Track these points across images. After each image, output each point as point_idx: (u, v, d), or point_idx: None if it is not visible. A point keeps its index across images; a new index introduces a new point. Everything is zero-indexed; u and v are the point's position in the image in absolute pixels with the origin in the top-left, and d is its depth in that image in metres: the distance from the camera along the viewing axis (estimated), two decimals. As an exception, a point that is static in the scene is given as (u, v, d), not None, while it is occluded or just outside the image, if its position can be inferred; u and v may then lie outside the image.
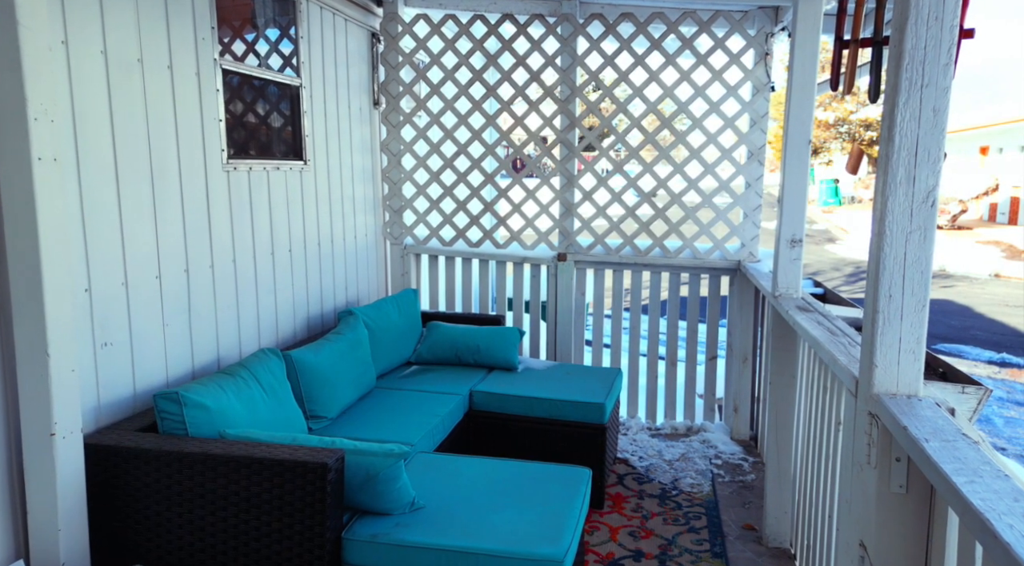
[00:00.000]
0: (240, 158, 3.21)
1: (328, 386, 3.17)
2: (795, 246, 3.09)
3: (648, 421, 4.77)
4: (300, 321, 3.78)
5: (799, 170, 3.05)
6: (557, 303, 4.74)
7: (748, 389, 4.52)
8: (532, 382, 3.86)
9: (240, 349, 3.22)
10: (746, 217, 4.41)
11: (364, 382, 3.53)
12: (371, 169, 4.70)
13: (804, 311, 2.76)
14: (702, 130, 4.36)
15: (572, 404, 3.57)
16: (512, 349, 4.13)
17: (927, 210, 1.56)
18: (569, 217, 4.65)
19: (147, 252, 2.63)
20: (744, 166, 4.36)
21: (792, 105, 3.01)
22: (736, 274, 4.48)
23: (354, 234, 4.45)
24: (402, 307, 4.20)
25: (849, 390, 1.83)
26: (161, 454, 2.20)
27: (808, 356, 2.90)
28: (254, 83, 3.36)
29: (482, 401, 3.71)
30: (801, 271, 3.11)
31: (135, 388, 2.57)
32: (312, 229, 3.90)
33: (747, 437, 4.53)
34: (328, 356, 3.24)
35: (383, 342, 3.88)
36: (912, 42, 1.51)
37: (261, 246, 3.40)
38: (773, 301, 3.12)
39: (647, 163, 4.50)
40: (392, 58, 4.68)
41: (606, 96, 4.43)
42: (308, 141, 3.82)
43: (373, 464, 2.25)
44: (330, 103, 4.10)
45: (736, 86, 4.28)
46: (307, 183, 3.84)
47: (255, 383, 2.71)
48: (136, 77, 2.56)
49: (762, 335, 4.34)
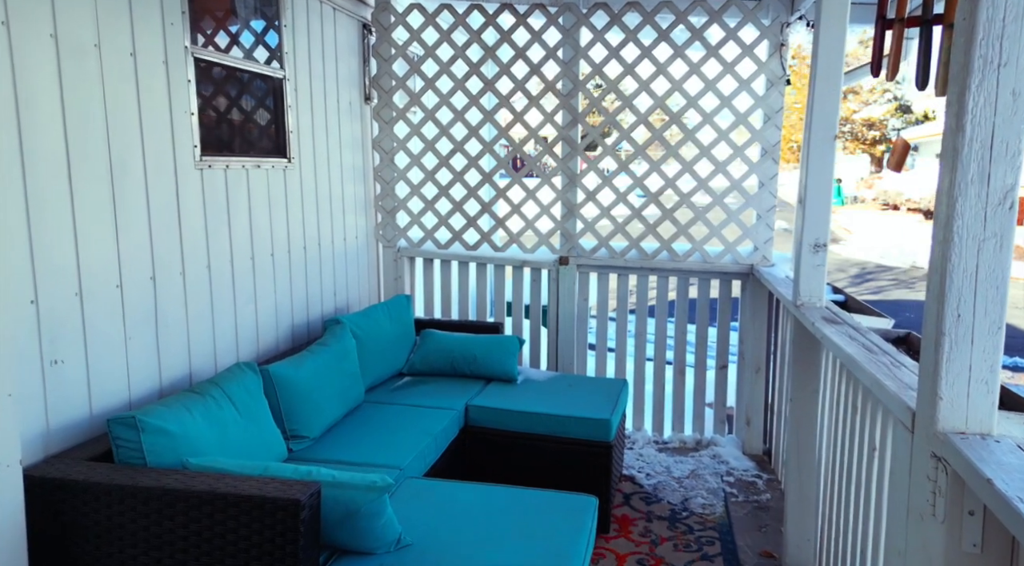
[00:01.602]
0: (216, 155, 2.96)
1: (310, 403, 2.91)
2: (818, 251, 2.83)
3: (655, 434, 4.51)
4: (284, 331, 3.53)
5: (823, 168, 2.79)
6: (559, 309, 4.49)
7: (761, 400, 4.26)
8: (532, 395, 3.60)
9: (216, 363, 2.97)
10: (759, 219, 4.15)
11: (351, 396, 3.27)
12: (362, 168, 4.45)
13: (832, 323, 2.51)
14: (712, 126, 4.11)
15: (575, 420, 3.32)
16: (511, 359, 3.88)
17: (1004, 213, 1.31)
18: (571, 218, 4.40)
19: (106, 258, 2.38)
20: (757, 164, 4.10)
21: (816, 97, 2.75)
22: (748, 279, 4.23)
23: (343, 236, 4.19)
24: (394, 314, 3.94)
25: (902, 423, 1.57)
26: (112, 488, 1.95)
27: (833, 370, 2.65)
28: (232, 74, 3.11)
29: (479, 416, 3.45)
30: (825, 278, 2.85)
31: (91, 410, 2.32)
32: (297, 232, 3.65)
33: (760, 451, 4.28)
34: (311, 370, 2.98)
35: (373, 352, 3.63)
36: (988, 13, 1.26)
37: (240, 250, 3.14)
38: (795, 311, 2.87)
39: (654, 161, 4.25)
40: (384, 50, 4.42)
41: (611, 90, 4.18)
42: (293, 137, 3.57)
43: (353, 499, 2.00)
44: (317, 97, 3.84)
45: (749, 79, 4.02)
46: (292, 182, 3.59)
47: (227, 402, 2.46)
48: (92, 64, 2.31)
49: (776, 344, 4.08)
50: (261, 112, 3.38)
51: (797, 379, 2.90)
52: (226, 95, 3.10)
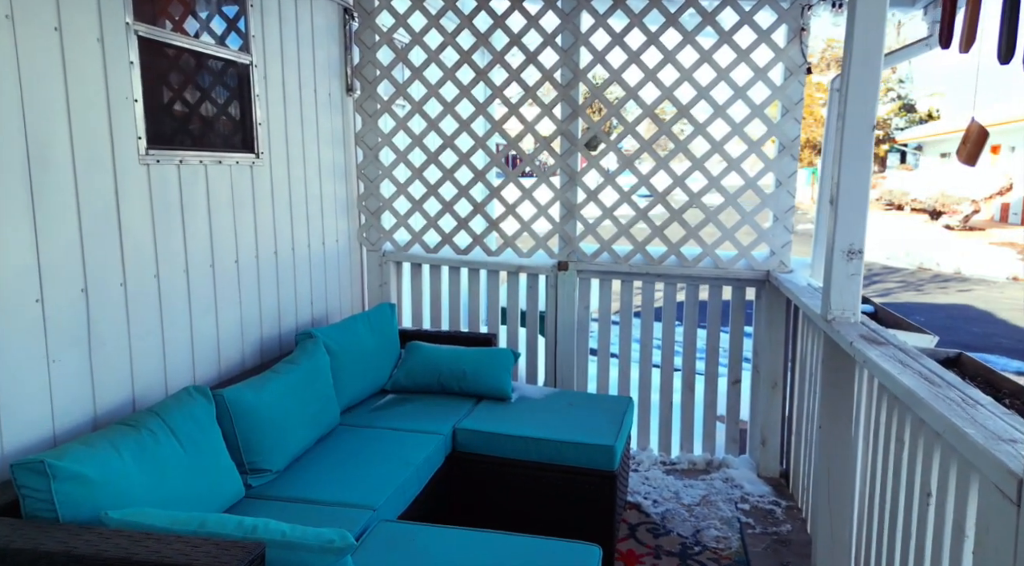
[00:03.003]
0: (166, 148, 2.60)
1: (274, 431, 2.56)
2: (853, 259, 2.47)
3: (662, 453, 4.16)
4: (251, 345, 3.17)
5: (859, 164, 2.44)
6: (557, 318, 4.13)
7: (778, 418, 3.91)
8: (528, 416, 3.25)
9: (167, 385, 2.61)
10: (776, 220, 3.80)
11: (323, 420, 2.92)
12: (343, 165, 4.09)
13: (874, 344, 2.15)
14: (725, 120, 3.75)
15: (575, 447, 2.96)
16: (505, 375, 3.52)
17: None
18: (571, 220, 4.04)
19: (21, 268, 2.02)
20: (774, 161, 3.75)
21: (852, 82, 2.40)
22: (764, 286, 3.87)
23: (322, 240, 3.84)
24: (376, 325, 3.58)
25: (998, 490, 1.22)
26: (7, 554, 1.59)
27: (870, 394, 2.30)
28: (187, 57, 2.75)
29: (467, 441, 3.10)
30: (860, 289, 2.50)
31: (3, 449, 1.96)
32: (267, 235, 3.29)
33: (776, 474, 3.92)
34: (275, 393, 2.63)
35: (351, 368, 3.27)
36: None
37: (197, 257, 2.79)
38: (825, 326, 2.51)
39: (661, 158, 3.89)
40: (367, 37, 4.06)
41: (614, 80, 3.82)
42: (262, 130, 3.21)
43: (305, 563, 1.64)
44: (291, 87, 3.48)
45: (766, 68, 3.67)
46: (261, 180, 3.23)
47: (169, 436, 2.10)
48: (4, 39, 1.95)
49: (795, 357, 3.73)
50: (224, 102, 3.02)
51: (828, 404, 2.55)
52: (180, 81, 2.75)
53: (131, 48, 2.40)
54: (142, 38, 2.45)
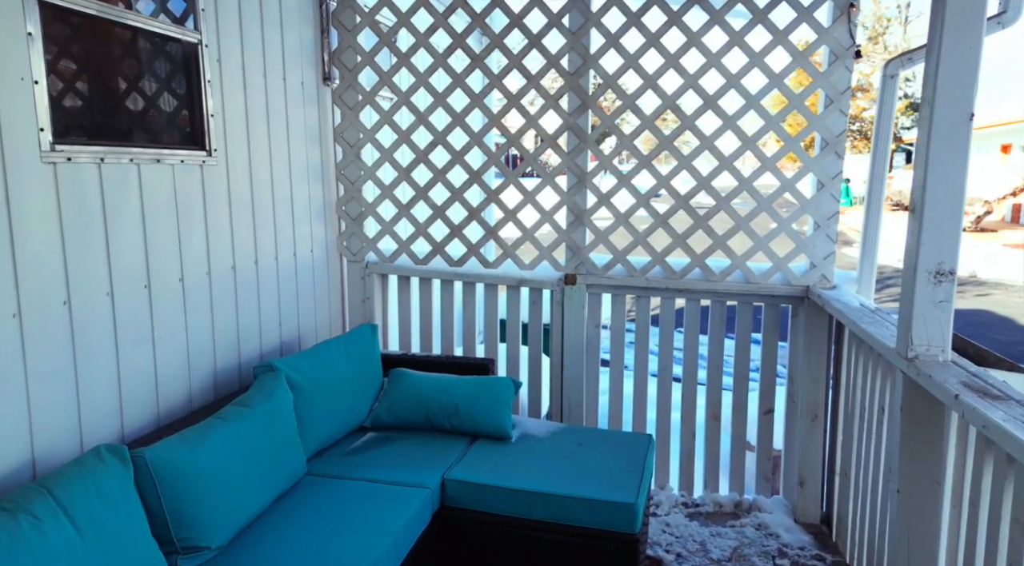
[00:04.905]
0: (82, 143, 2.09)
1: (215, 496, 2.04)
2: (943, 281, 1.96)
3: (682, 493, 3.65)
4: (202, 380, 2.66)
5: (954, 162, 1.93)
6: (564, 338, 3.62)
7: (819, 456, 3.39)
8: (531, 462, 2.74)
9: (82, 439, 2.10)
10: (818, 228, 3.28)
11: (284, 473, 2.40)
12: (319, 164, 3.58)
13: (989, 398, 1.64)
14: (758, 112, 3.25)
15: (589, 504, 2.45)
16: (504, 410, 3.02)
17: None
18: (580, 227, 3.53)
19: None
20: (816, 160, 3.24)
21: (944, 59, 1.89)
22: (803, 304, 3.36)
23: (293, 251, 3.33)
24: (353, 351, 3.07)
25: None
26: None
27: (962, 449, 1.80)
28: (110, 31, 2.24)
29: (459, 495, 2.59)
30: (952, 320, 1.99)
31: None
32: (223, 247, 2.78)
33: (816, 519, 3.40)
34: (218, 447, 2.11)
35: (321, 405, 2.76)
36: None
37: (127, 276, 2.28)
38: (905, 366, 2.00)
39: (684, 156, 3.38)
40: (347, 18, 3.56)
41: (630, 67, 3.32)
42: (215, 123, 2.70)
43: None
44: (254, 73, 2.98)
45: (807, 52, 3.16)
46: (214, 182, 2.72)
47: (59, 521, 1.59)
48: None
49: (839, 386, 3.22)
50: (164, 88, 2.51)
51: (910, 461, 2.04)
52: (103, 61, 2.23)
53: (29, 16, 1.89)
54: (46, 4, 1.94)
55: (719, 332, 3.52)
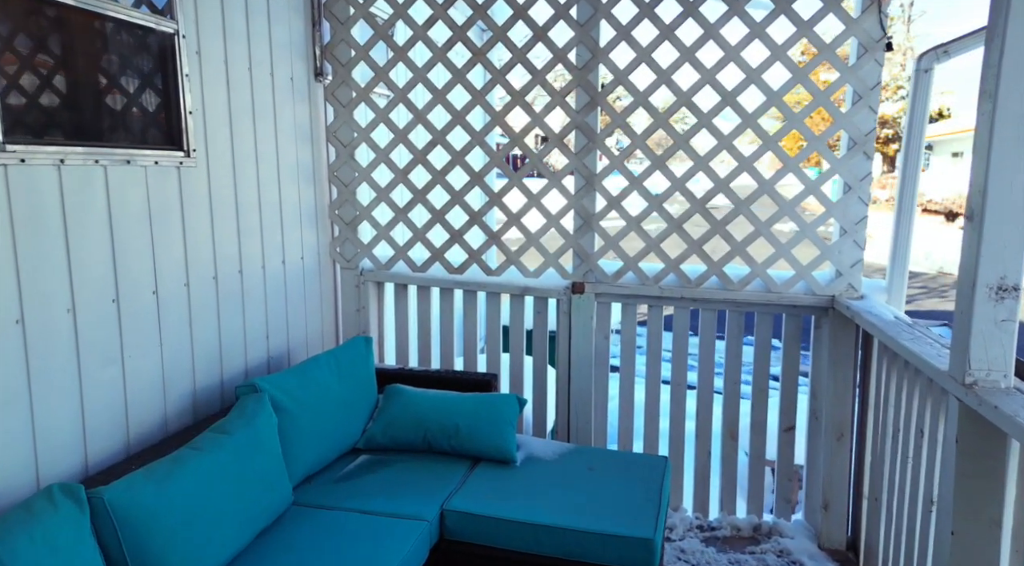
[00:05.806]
0: (36, 142, 1.87)
1: (186, 538, 1.82)
2: (1006, 298, 1.74)
3: (697, 515, 3.42)
4: (178, 402, 2.44)
5: (1016, 164, 1.70)
6: (571, 351, 3.40)
7: (845, 477, 3.17)
8: (538, 489, 2.52)
9: (38, 475, 1.88)
10: (844, 234, 3.06)
11: (267, 507, 2.18)
12: (311, 165, 3.36)
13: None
14: (780, 109, 3.03)
15: (603, 539, 2.23)
16: (508, 430, 2.79)
17: None
18: (588, 232, 3.31)
19: None
20: (843, 160, 3.01)
21: (1009, 48, 1.67)
22: (828, 314, 3.14)
23: (282, 258, 3.10)
24: (345, 367, 2.85)
25: None
26: None
27: None
28: (74, 18, 2.02)
29: (459, 528, 2.37)
30: (1015, 341, 1.76)
31: None
32: (203, 255, 2.56)
33: (842, 545, 3.18)
34: (189, 482, 1.89)
35: (310, 428, 2.54)
36: None
37: (92, 289, 2.06)
38: (962, 393, 1.78)
39: (701, 157, 3.16)
40: (340, 10, 3.34)
41: (642, 61, 3.09)
42: (193, 121, 2.48)
43: None
44: (238, 67, 2.76)
45: (833, 44, 2.94)
46: (194, 185, 2.50)
47: (-2, 580, 1.37)
48: None
49: (865, 402, 3.00)
50: (135, 82, 2.29)
51: (966, 499, 1.82)
52: (62, 51, 2.01)
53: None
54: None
55: (736, 344, 3.30)
